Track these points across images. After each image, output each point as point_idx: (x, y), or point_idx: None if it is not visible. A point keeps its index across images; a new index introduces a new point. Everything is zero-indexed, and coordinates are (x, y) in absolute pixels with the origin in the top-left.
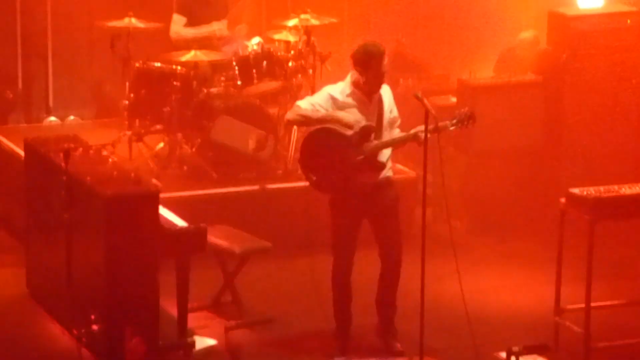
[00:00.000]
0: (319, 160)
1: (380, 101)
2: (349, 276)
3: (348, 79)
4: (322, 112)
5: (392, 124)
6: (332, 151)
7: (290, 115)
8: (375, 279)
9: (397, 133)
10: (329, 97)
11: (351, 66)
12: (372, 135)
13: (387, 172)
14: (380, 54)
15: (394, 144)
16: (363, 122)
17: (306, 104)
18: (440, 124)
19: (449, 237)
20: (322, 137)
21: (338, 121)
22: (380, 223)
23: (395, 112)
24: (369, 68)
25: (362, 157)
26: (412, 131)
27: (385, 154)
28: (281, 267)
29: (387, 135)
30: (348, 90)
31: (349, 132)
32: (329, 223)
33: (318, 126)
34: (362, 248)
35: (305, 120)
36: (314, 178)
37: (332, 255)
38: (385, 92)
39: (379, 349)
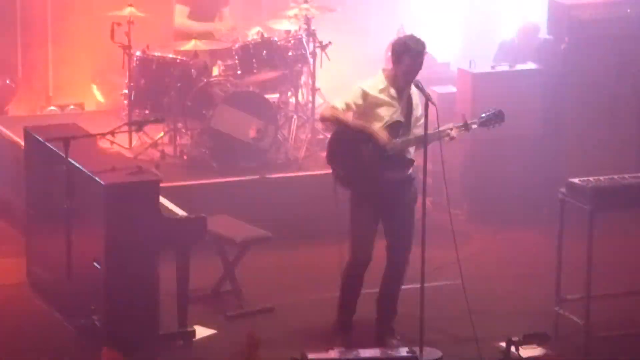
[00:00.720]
0: (347, 155)
1: (409, 98)
2: (365, 270)
3: (380, 74)
4: (359, 122)
5: (416, 122)
6: (360, 146)
7: (326, 113)
8: (375, 270)
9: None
10: (362, 92)
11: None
12: (401, 132)
13: (409, 170)
14: (416, 51)
15: (427, 139)
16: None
17: (341, 104)
18: (470, 122)
19: (449, 226)
20: (350, 132)
21: (371, 134)
22: (396, 220)
23: (420, 112)
24: (401, 61)
25: (390, 153)
26: (442, 128)
27: (410, 152)
28: (281, 257)
29: (412, 133)
30: (381, 85)
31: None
32: (330, 213)
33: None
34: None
35: (341, 124)
36: (342, 173)
37: (350, 249)
38: (415, 91)
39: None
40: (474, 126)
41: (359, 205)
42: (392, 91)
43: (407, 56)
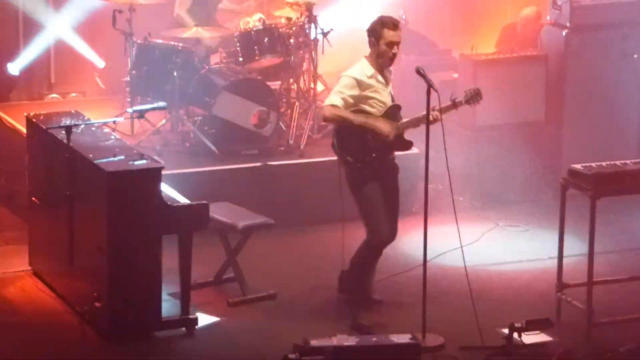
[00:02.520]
0: (353, 142)
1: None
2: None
3: (364, 60)
4: (361, 119)
5: None
6: (366, 133)
7: (328, 113)
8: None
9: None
10: (355, 82)
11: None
12: (398, 115)
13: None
14: (392, 24)
15: (421, 122)
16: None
17: (339, 100)
18: (457, 99)
19: (451, 213)
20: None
21: (373, 129)
22: (387, 196)
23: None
24: (381, 37)
25: (393, 136)
26: (434, 109)
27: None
28: (283, 244)
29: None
30: (369, 72)
31: (378, 112)
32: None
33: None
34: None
35: (344, 123)
36: (351, 160)
37: (371, 227)
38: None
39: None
40: (460, 105)
41: (368, 186)
42: (380, 77)
43: (386, 29)
